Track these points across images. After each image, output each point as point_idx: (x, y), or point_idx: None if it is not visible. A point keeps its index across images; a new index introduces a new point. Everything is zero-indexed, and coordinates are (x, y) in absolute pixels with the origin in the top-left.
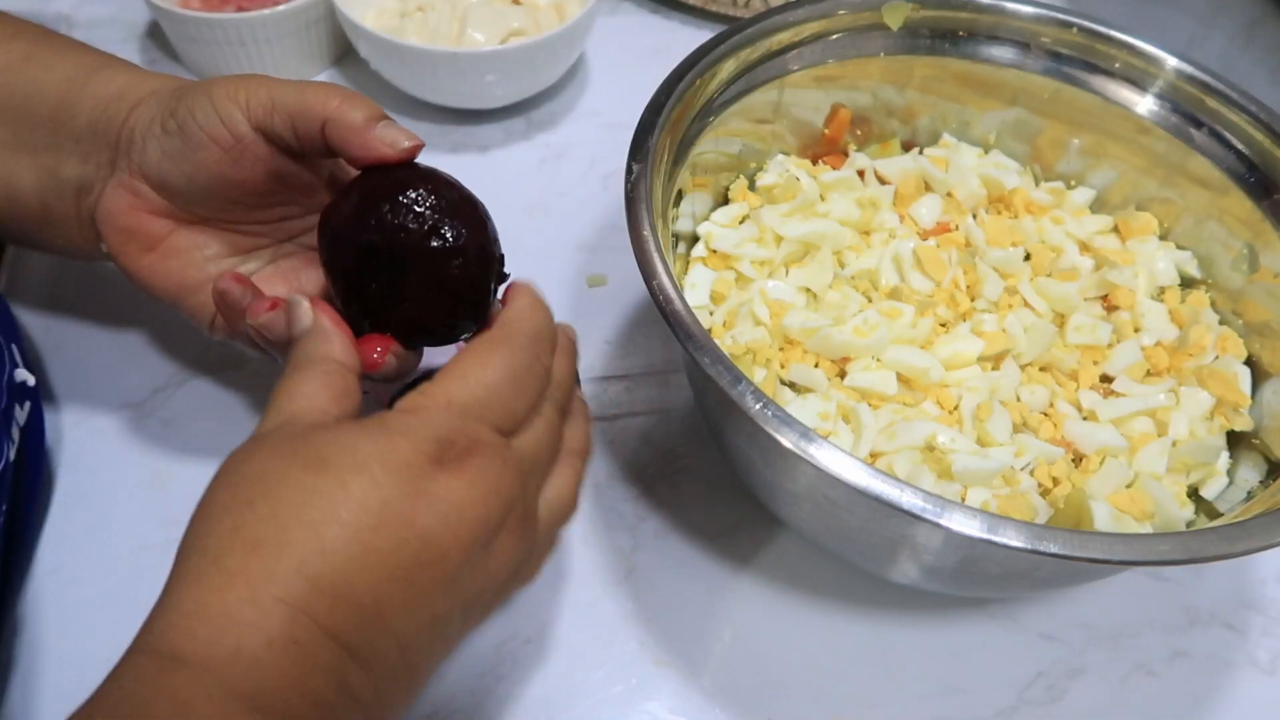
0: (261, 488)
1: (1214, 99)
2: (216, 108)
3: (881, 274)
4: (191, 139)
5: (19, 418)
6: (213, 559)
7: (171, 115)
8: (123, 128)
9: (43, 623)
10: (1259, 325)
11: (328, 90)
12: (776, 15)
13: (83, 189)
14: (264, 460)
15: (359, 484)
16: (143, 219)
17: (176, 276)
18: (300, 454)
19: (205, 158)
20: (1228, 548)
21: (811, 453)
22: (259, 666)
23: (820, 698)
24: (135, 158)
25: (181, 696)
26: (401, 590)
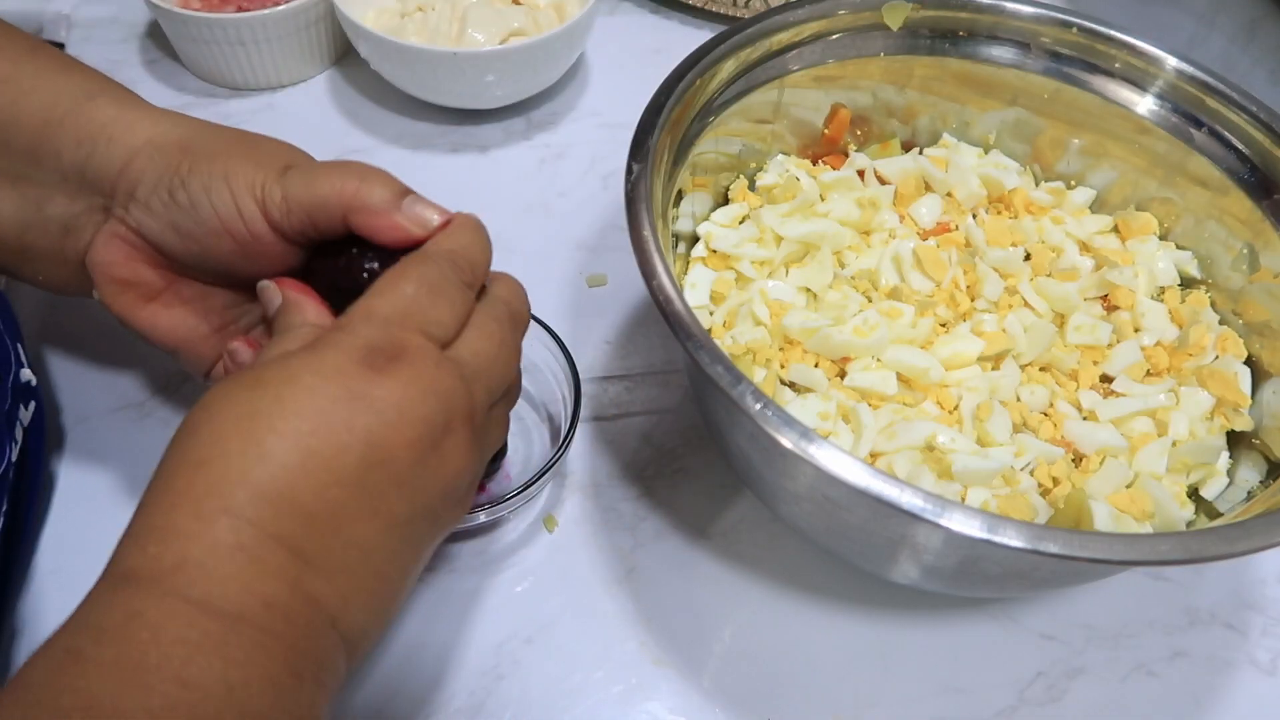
0: (205, 414)
1: (1214, 99)
2: (237, 201)
3: (881, 274)
4: (204, 223)
5: (23, 418)
6: (162, 484)
7: (183, 187)
8: (119, 178)
9: (43, 623)
10: (1259, 325)
11: (342, 175)
12: (776, 15)
13: (69, 229)
14: (211, 395)
15: (292, 394)
16: (141, 270)
17: (180, 327)
18: (241, 380)
19: (217, 243)
20: (1228, 548)
21: (811, 453)
22: (206, 573)
23: (820, 698)
24: (136, 214)
25: (133, 608)
26: (352, 494)
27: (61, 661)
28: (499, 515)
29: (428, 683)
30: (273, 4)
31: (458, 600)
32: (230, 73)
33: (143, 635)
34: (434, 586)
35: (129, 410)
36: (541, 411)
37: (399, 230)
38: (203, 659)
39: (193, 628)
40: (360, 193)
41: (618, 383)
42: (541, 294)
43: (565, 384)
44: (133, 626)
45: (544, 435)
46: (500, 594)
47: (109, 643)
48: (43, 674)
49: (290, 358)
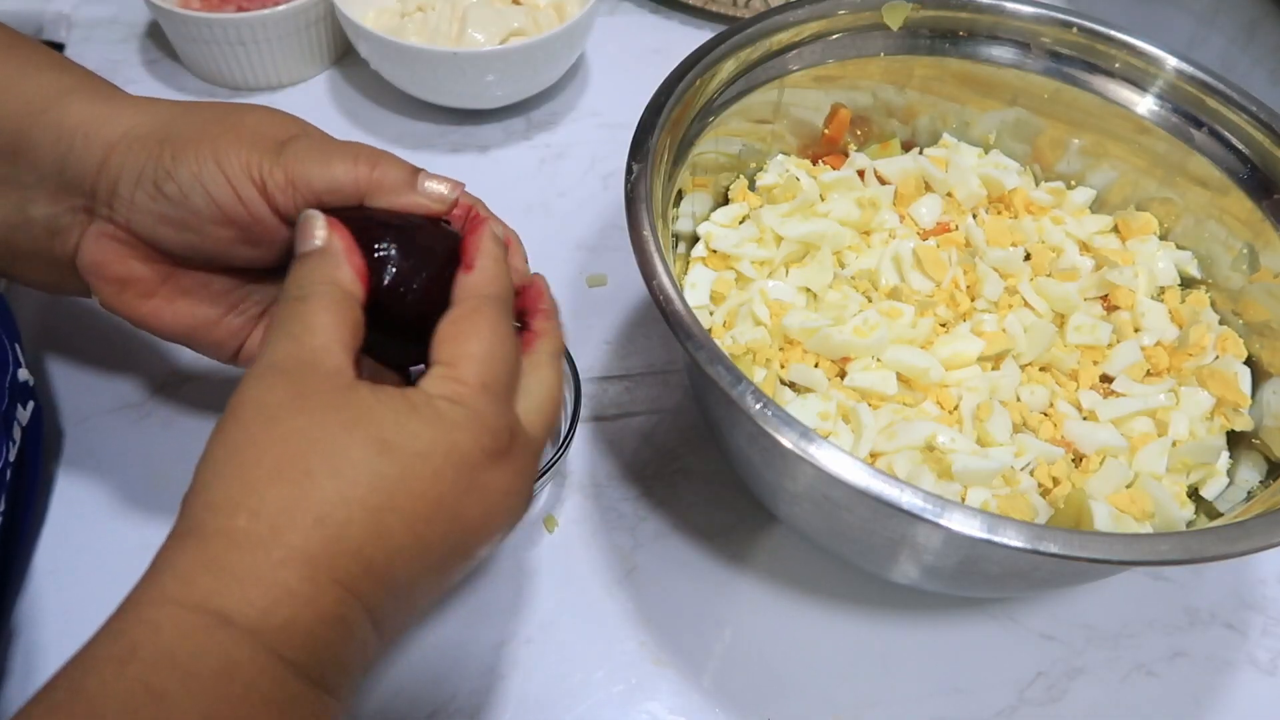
0: (322, 458)
1: (1214, 99)
2: (234, 185)
3: (881, 274)
4: (200, 213)
5: (21, 418)
6: (269, 526)
7: (170, 178)
8: (99, 175)
9: (42, 624)
10: (1259, 325)
11: (354, 158)
12: (776, 15)
13: (55, 231)
14: (313, 419)
15: (421, 476)
16: (134, 267)
17: (186, 318)
18: (360, 426)
19: (215, 231)
20: (1228, 548)
21: (811, 453)
22: (310, 639)
23: (820, 698)
24: (122, 211)
25: (231, 658)
26: (434, 576)
27: (141, 699)
28: None
29: (428, 683)
30: (273, 4)
31: (458, 601)
32: (230, 73)
33: (235, 690)
34: None
35: (128, 410)
36: None
37: (420, 209)
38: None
39: (283, 690)
40: (377, 176)
41: (618, 383)
42: None
43: (565, 384)
44: (228, 679)
45: None
46: (500, 594)
47: (199, 693)
48: (117, 708)
49: (418, 425)
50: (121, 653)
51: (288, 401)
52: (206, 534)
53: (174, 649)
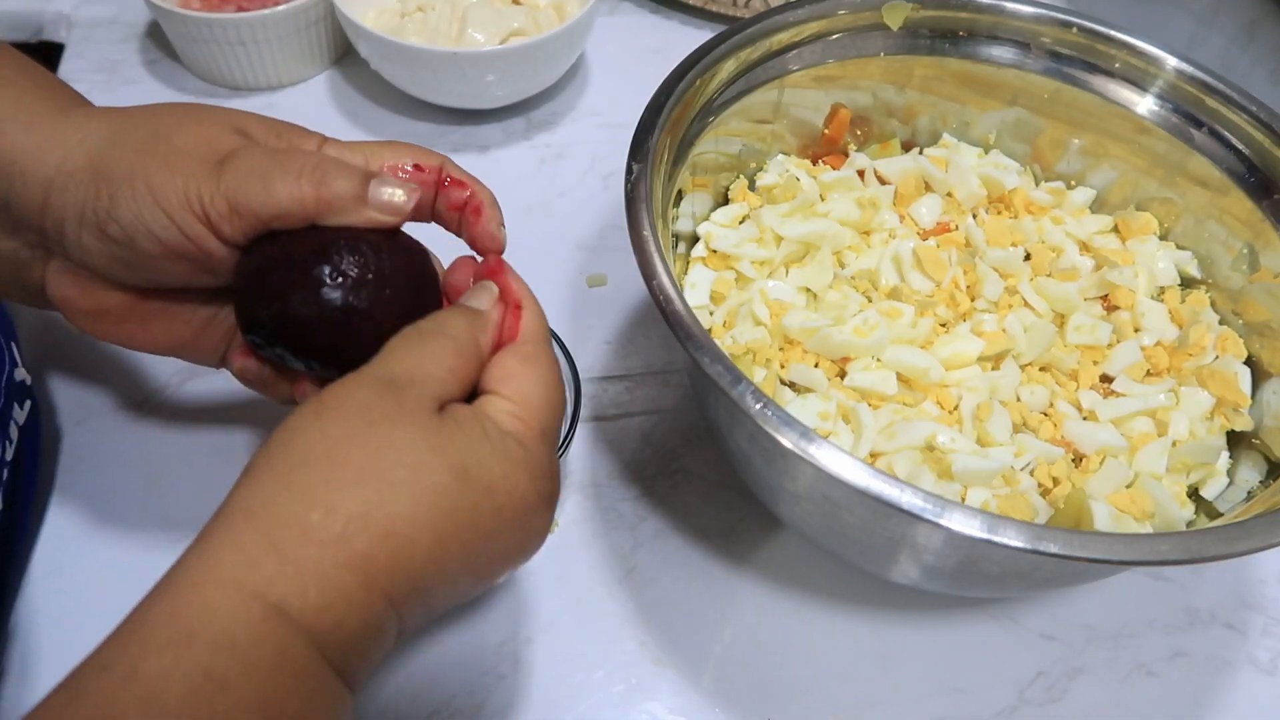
0: (407, 472)
1: (1214, 99)
2: (176, 222)
3: (881, 274)
4: (149, 253)
5: (18, 417)
6: (342, 527)
7: (112, 219)
8: (43, 217)
9: (41, 624)
10: (1259, 325)
11: (298, 175)
12: (776, 15)
13: (18, 264)
14: (408, 434)
15: (486, 510)
16: (103, 297)
17: (163, 337)
18: (447, 453)
19: (168, 266)
20: (1228, 548)
21: (811, 453)
22: (351, 641)
23: (820, 698)
24: (73, 253)
25: (286, 649)
26: (461, 594)
27: (201, 686)
28: None
29: (428, 682)
30: (273, 4)
31: None
32: (230, 73)
33: (287, 683)
34: None
35: (128, 410)
36: None
37: (375, 224)
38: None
39: (323, 686)
40: (323, 196)
41: (618, 383)
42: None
43: (565, 384)
44: (282, 672)
45: None
46: (500, 594)
47: (258, 682)
48: (180, 694)
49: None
50: (179, 635)
51: (389, 412)
52: (279, 518)
53: (234, 635)
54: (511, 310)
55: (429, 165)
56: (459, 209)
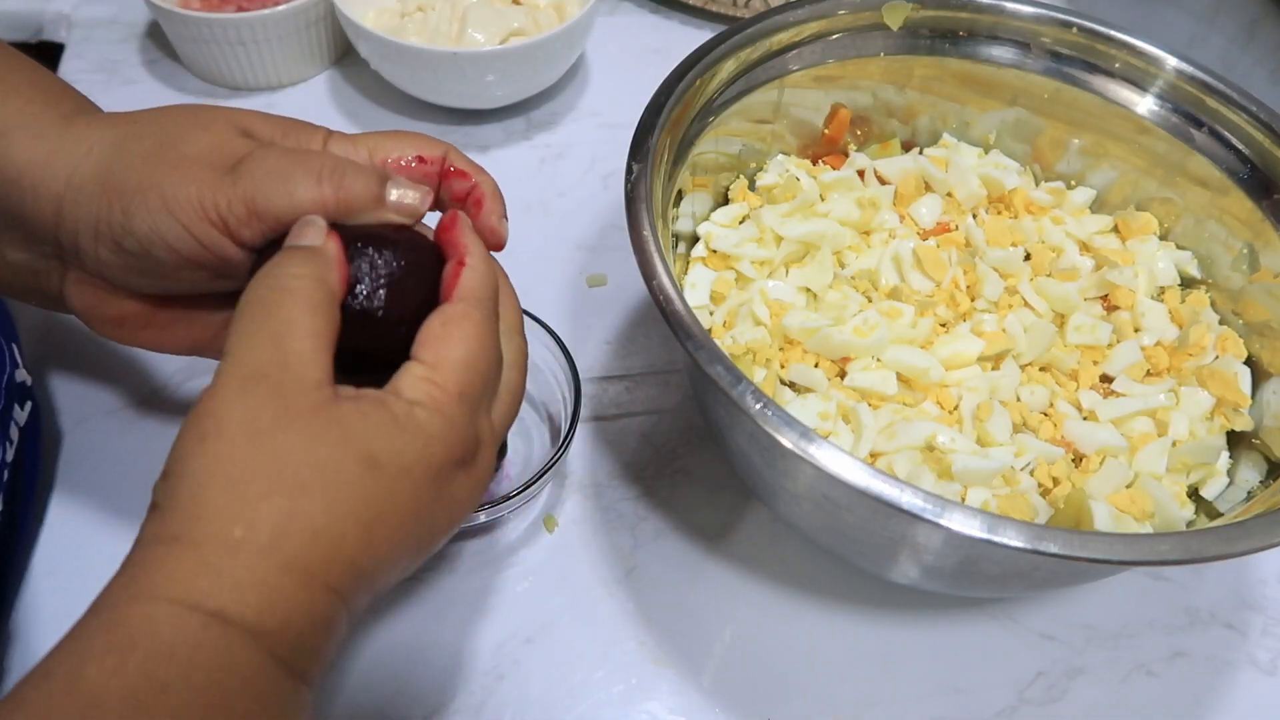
0: (314, 474)
1: (1214, 99)
2: (192, 231)
3: (881, 274)
4: (167, 263)
5: (19, 418)
6: (267, 537)
7: (127, 233)
8: (58, 230)
9: (41, 625)
10: (1259, 325)
11: (318, 177)
12: (776, 15)
13: (36, 273)
14: (304, 436)
15: (404, 490)
16: (124, 305)
17: (184, 339)
18: (350, 444)
19: (186, 275)
20: (1228, 548)
21: (811, 453)
22: (300, 638)
23: (820, 698)
24: (90, 265)
25: (230, 653)
26: (402, 570)
27: (144, 689)
28: (499, 515)
29: (428, 683)
30: (273, 4)
31: (458, 600)
32: (230, 73)
33: (233, 684)
34: (435, 587)
35: (128, 410)
36: (541, 411)
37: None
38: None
39: (274, 685)
40: (341, 194)
41: (618, 383)
42: (541, 294)
43: (565, 384)
44: (226, 673)
45: (544, 435)
46: (501, 594)
47: (200, 686)
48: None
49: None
50: (120, 643)
51: (276, 417)
52: (199, 540)
53: (173, 643)
54: (455, 265)
55: (432, 156)
56: (461, 199)
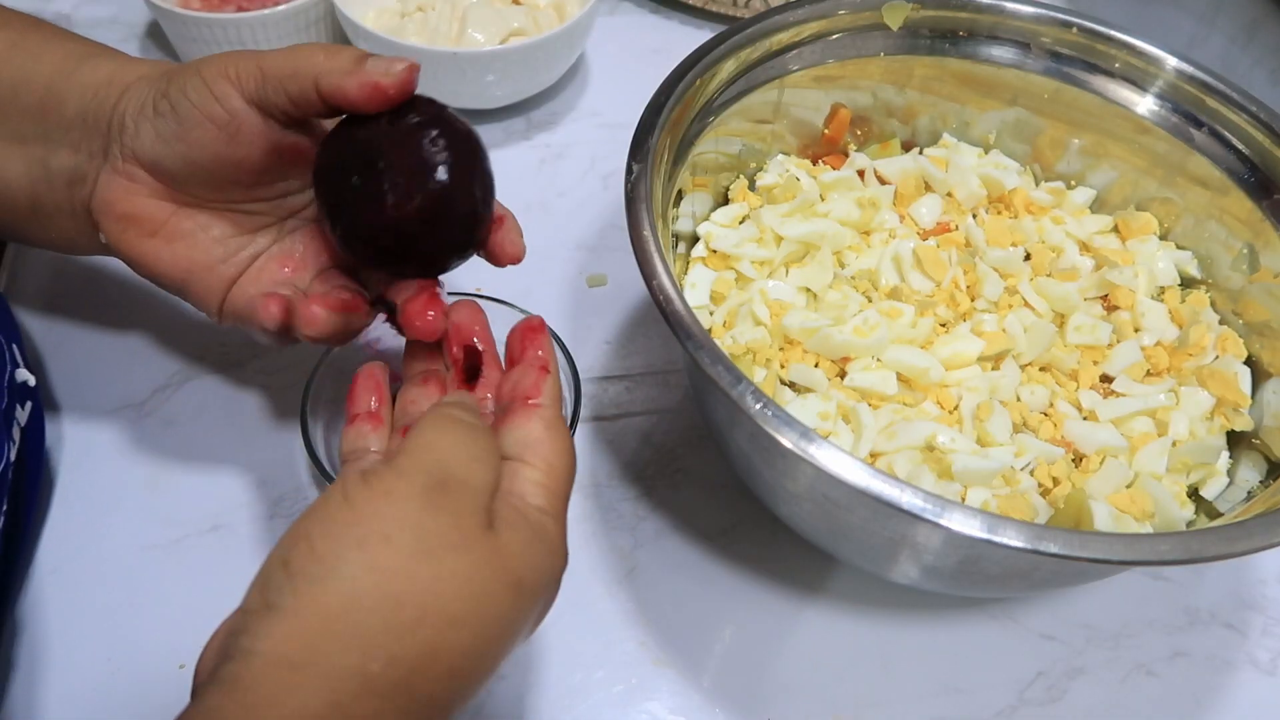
0: (471, 605)
1: (1214, 99)
2: (210, 85)
3: (881, 274)
4: (185, 119)
5: (20, 418)
6: (402, 680)
7: (164, 96)
8: (113, 114)
9: (43, 623)
10: (1259, 325)
11: (311, 48)
12: (776, 15)
13: (75, 180)
14: (469, 564)
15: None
16: (141, 204)
17: (183, 260)
18: (506, 573)
19: (201, 136)
20: (1228, 548)
21: (811, 453)
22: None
23: (820, 698)
24: (128, 142)
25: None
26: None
27: None
28: None
29: None
30: (273, 4)
31: None
32: None
33: None
34: None
35: (129, 410)
36: None
37: (366, 82)
38: None
39: None
40: (329, 60)
41: (618, 383)
42: (541, 294)
43: (565, 384)
44: None
45: None
46: None
47: None
48: None
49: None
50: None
51: (449, 535)
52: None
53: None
54: (539, 370)
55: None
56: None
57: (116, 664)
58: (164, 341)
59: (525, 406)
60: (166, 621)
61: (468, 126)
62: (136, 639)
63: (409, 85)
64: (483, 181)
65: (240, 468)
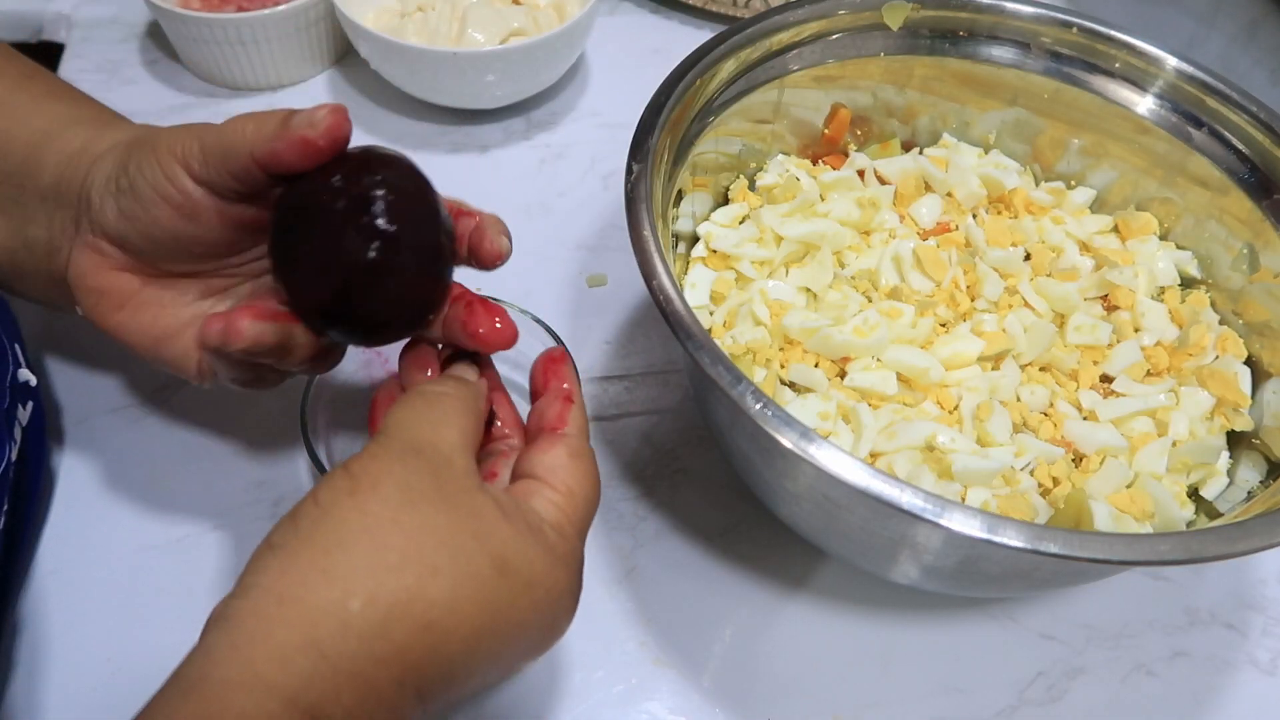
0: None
1: (1214, 99)
2: (161, 166)
3: (881, 274)
4: (142, 198)
5: (21, 418)
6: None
7: (124, 173)
8: (82, 187)
9: (44, 623)
10: (1259, 325)
11: (240, 120)
12: (776, 15)
13: (51, 250)
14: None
15: (523, 606)
16: (110, 278)
17: (150, 329)
18: (489, 540)
19: (159, 216)
20: (1228, 548)
21: (811, 453)
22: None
23: (820, 698)
24: (95, 217)
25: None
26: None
27: None
28: None
29: None
30: (273, 4)
31: None
32: (230, 73)
33: None
34: None
35: (129, 410)
36: None
37: (294, 141)
38: None
39: None
40: (257, 127)
41: (618, 383)
42: (541, 294)
43: None
44: None
45: None
46: None
47: None
48: None
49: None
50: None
51: (429, 491)
52: (316, 607)
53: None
54: (563, 400)
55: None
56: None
57: (116, 664)
58: None
59: (551, 434)
60: (166, 621)
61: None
62: (136, 639)
63: (337, 130)
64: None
65: (240, 468)
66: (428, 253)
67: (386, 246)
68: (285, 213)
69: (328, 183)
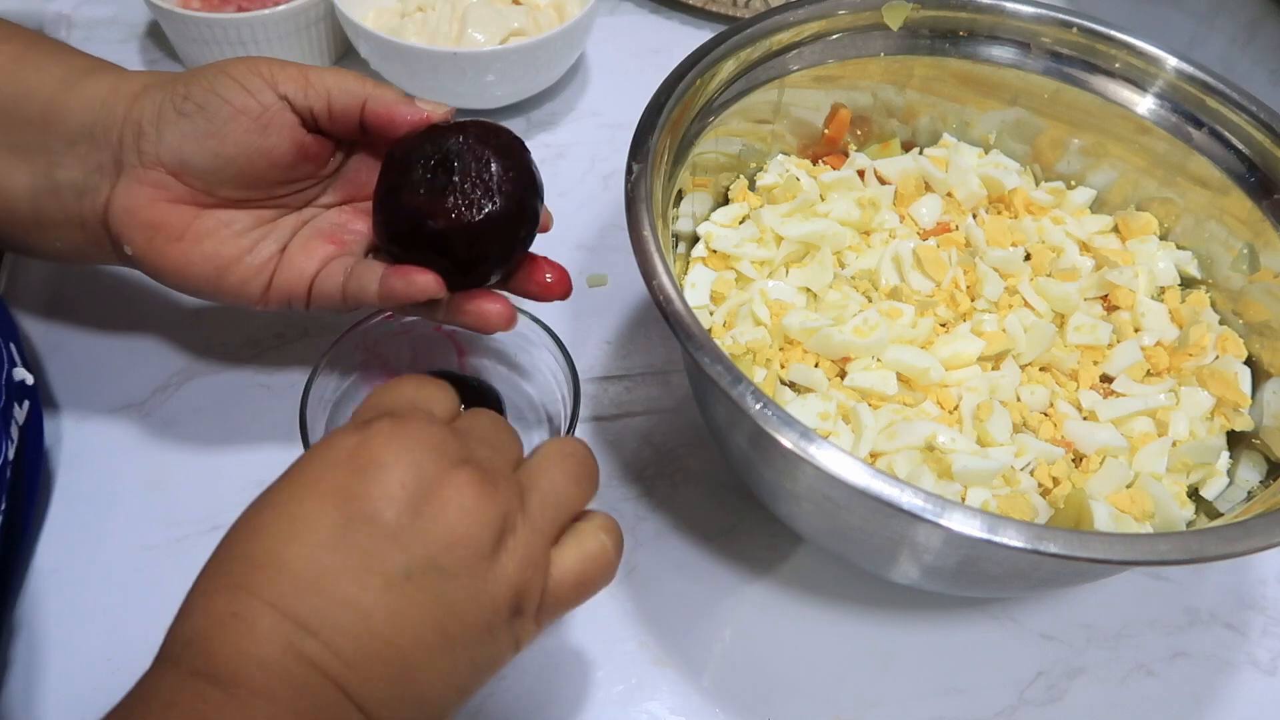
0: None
1: (1214, 99)
2: (241, 82)
3: (881, 274)
4: (216, 114)
5: (18, 416)
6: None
7: (186, 98)
8: (124, 124)
9: (42, 623)
10: (1259, 325)
11: (359, 75)
12: (776, 15)
13: (83, 192)
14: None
15: (293, 470)
16: (165, 210)
17: (214, 257)
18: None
19: (233, 130)
20: (1228, 548)
21: (811, 453)
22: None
23: (820, 698)
24: (149, 148)
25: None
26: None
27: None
28: None
29: None
30: (273, 4)
31: None
32: None
33: (156, 708)
34: None
35: (129, 410)
36: (541, 411)
37: (418, 112)
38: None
39: (199, 699)
40: (377, 88)
41: (618, 383)
42: None
43: (564, 384)
44: (152, 703)
45: (543, 436)
46: None
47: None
48: None
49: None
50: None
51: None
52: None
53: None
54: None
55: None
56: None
57: (116, 664)
58: (164, 341)
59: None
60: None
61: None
62: (136, 639)
63: (449, 119)
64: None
65: (240, 468)
66: (530, 213)
67: (508, 199)
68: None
69: (457, 139)
